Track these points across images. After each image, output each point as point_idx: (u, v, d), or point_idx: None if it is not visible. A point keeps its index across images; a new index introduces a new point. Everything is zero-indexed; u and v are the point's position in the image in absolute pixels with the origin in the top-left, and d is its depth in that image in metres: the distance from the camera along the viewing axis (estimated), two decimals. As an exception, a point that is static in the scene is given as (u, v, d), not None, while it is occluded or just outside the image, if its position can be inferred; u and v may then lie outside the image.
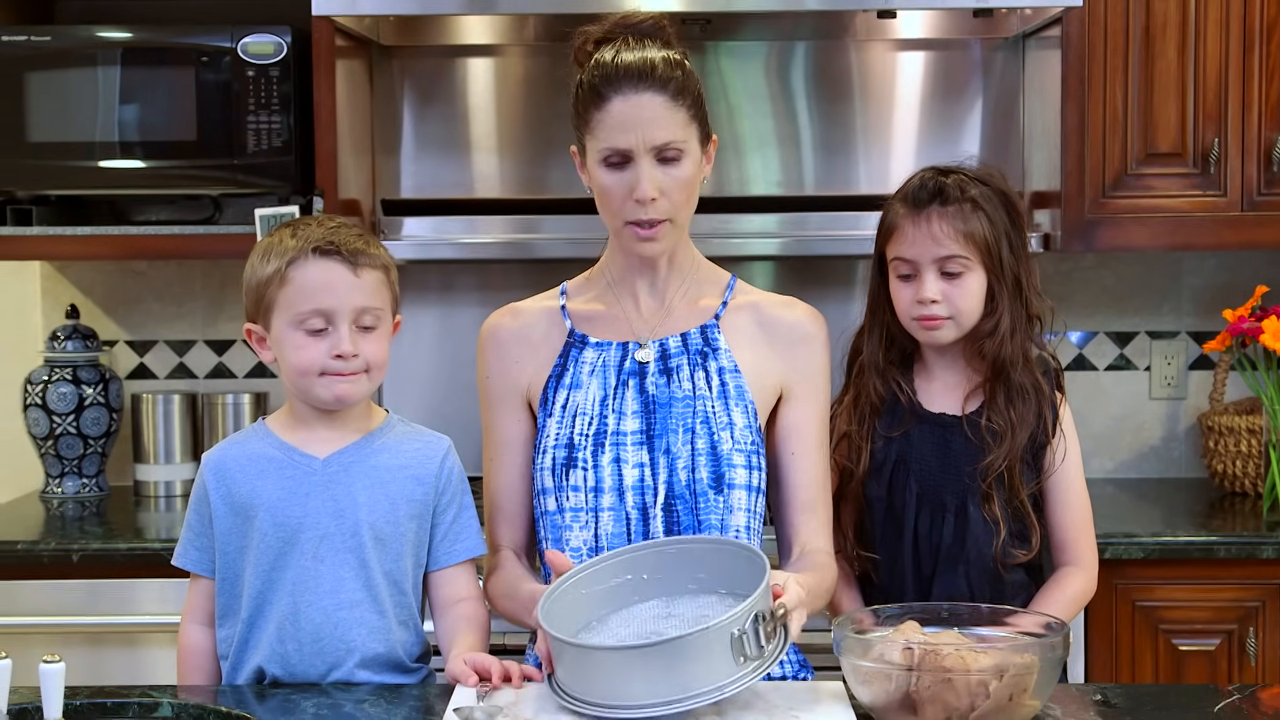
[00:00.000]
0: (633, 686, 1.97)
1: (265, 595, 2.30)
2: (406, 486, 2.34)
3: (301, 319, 2.27)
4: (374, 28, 3.62)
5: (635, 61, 2.33)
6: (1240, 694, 2.21)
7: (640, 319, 2.45)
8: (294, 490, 2.30)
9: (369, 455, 2.34)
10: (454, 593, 2.37)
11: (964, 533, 2.48)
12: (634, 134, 2.31)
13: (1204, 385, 3.86)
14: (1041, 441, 2.51)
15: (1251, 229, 3.47)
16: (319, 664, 2.30)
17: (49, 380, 3.70)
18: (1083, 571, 2.54)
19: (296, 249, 2.27)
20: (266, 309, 2.29)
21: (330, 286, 2.27)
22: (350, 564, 2.30)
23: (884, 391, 2.55)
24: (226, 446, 2.38)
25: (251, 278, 2.31)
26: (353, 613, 2.30)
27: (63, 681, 1.98)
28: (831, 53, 3.80)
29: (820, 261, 3.81)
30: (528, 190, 3.84)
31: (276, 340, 2.30)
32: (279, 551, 2.29)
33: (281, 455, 2.33)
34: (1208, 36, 3.44)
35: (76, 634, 3.19)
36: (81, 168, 3.49)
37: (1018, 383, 2.51)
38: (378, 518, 2.31)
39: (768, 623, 1.99)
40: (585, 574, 2.20)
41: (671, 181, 2.33)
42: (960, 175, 2.51)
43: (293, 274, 2.26)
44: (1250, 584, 3.21)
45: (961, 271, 2.48)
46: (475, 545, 2.39)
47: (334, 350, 2.27)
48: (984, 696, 1.97)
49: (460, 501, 2.39)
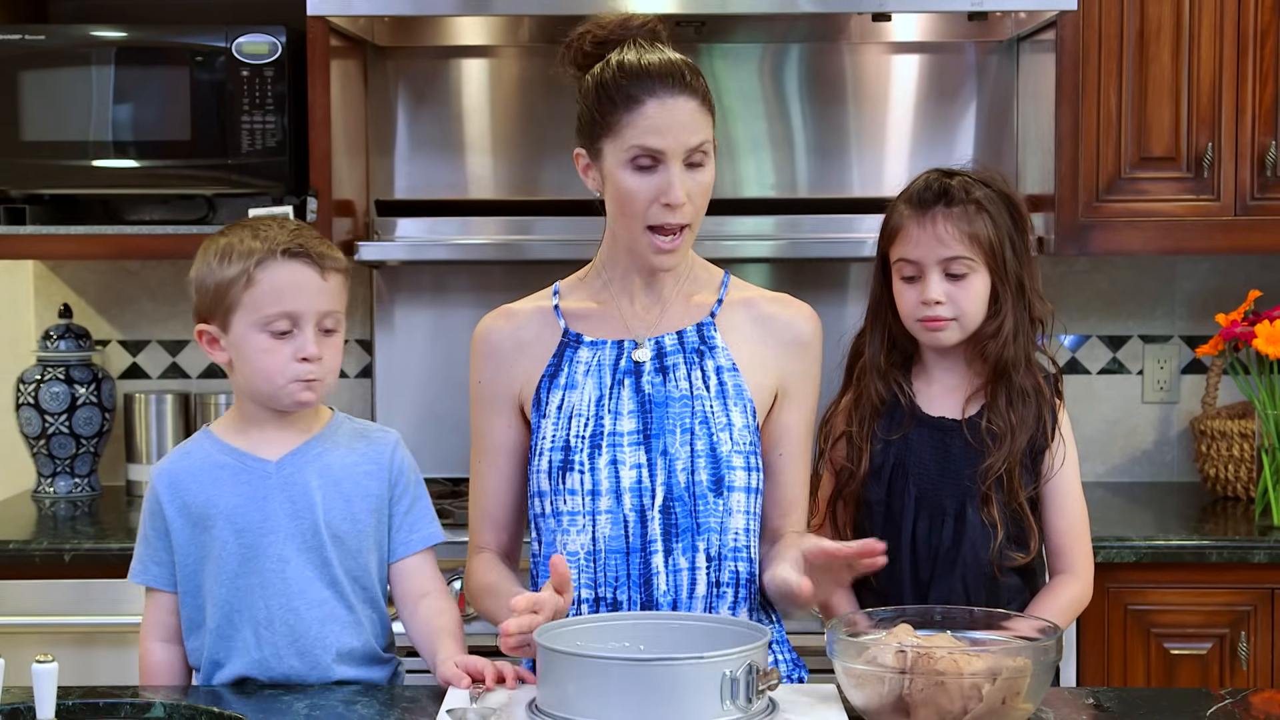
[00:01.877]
0: (613, 705, 1.96)
1: (233, 602, 2.30)
2: (361, 482, 2.34)
3: (268, 321, 2.26)
4: (369, 28, 3.62)
5: (664, 64, 2.33)
6: (1232, 698, 2.21)
7: (636, 317, 2.45)
8: (251, 495, 2.30)
9: (321, 454, 2.34)
10: (417, 586, 2.37)
11: (961, 536, 2.48)
12: (670, 136, 2.30)
13: (1196, 389, 3.86)
14: (1040, 446, 2.51)
15: (1245, 233, 3.48)
16: (299, 664, 2.30)
17: (41, 379, 3.69)
18: (1078, 579, 2.53)
19: (264, 250, 2.26)
20: (227, 310, 2.27)
21: (298, 289, 2.26)
22: (314, 562, 2.30)
23: (885, 394, 2.55)
24: (176, 459, 2.36)
25: (208, 278, 2.28)
26: (324, 610, 2.30)
27: (55, 681, 1.97)
28: (826, 55, 3.81)
29: (814, 264, 3.81)
30: (521, 191, 3.83)
31: (237, 341, 2.28)
32: (242, 558, 2.29)
33: (234, 461, 2.32)
34: (1202, 41, 3.45)
35: (68, 634, 3.19)
36: (75, 167, 3.49)
37: (1019, 385, 2.51)
38: (335, 515, 2.31)
39: (759, 679, 1.99)
40: (583, 627, 2.18)
41: (697, 186, 2.34)
42: (965, 177, 2.52)
43: (260, 275, 2.25)
44: (1242, 588, 3.21)
45: (966, 273, 2.48)
46: (432, 533, 2.40)
47: (300, 353, 2.26)
48: (977, 700, 1.97)
49: (414, 492, 2.39)
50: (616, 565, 2.36)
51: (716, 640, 2.08)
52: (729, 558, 2.38)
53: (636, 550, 2.36)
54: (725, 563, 2.37)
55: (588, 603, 2.37)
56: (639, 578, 2.36)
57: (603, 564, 2.36)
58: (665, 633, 2.18)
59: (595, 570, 2.37)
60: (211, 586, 2.30)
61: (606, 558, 2.36)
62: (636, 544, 2.36)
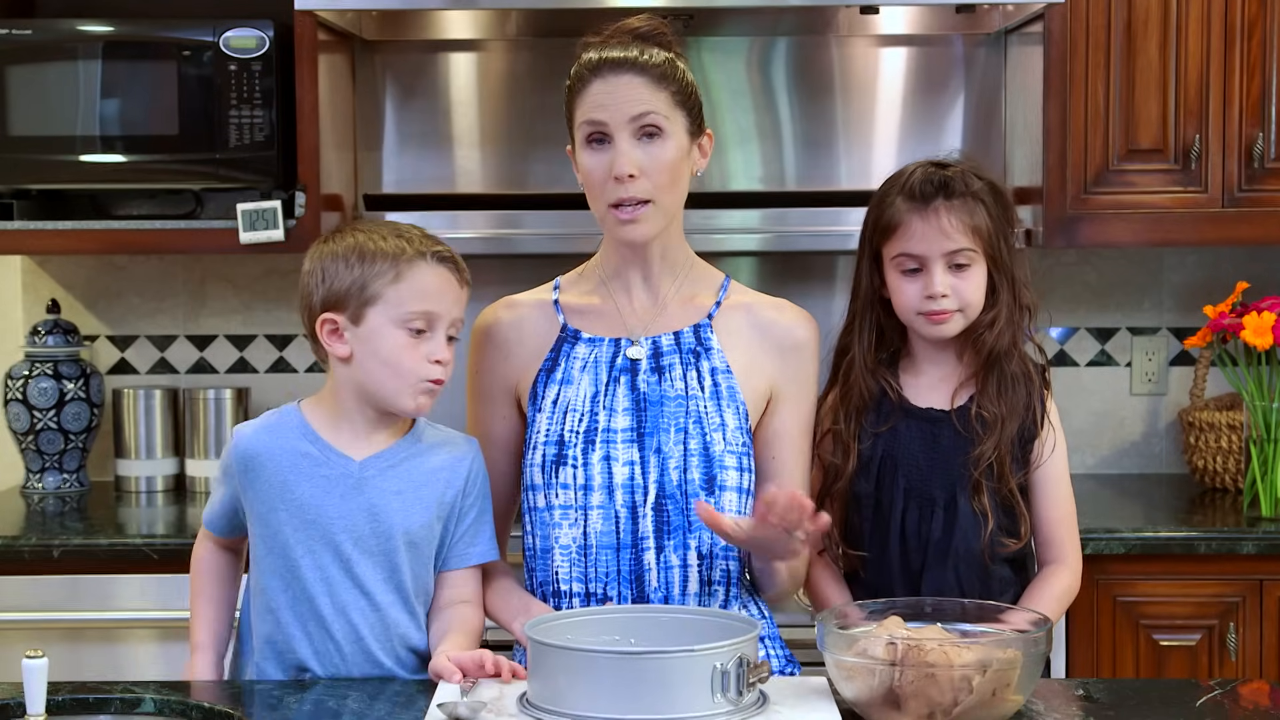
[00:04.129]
0: (603, 698, 1.96)
1: (296, 592, 2.29)
2: (438, 489, 2.33)
3: (409, 318, 2.26)
4: (356, 22, 3.62)
5: (620, 53, 2.35)
6: (1221, 689, 2.22)
7: (633, 315, 2.45)
8: (328, 491, 2.29)
9: (403, 460, 2.32)
10: (456, 594, 2.36)
11: (952, 527, 2.48)
12: (612, 109, 2.32)
13: (1184, 381, 3.87)
14: (1030, 434, 2.51)
15: (1232, 225, 3.48)
16: (362, 663, 2.30)
17: (30, 375, 3.68)
18: (1068, 569, 2.53)
19: (412, 250, 2.27)
20: (365, 302, 2.26)
21: (441, 292, 2.28)
22: (383, 566, 2.29)
23: (874, 388, 2.55)
24: (260, 433, 2.34)
25: (343, 272, 2.27)
26: (389, 614, 2.30)
27: (46, 677, 1.97)
28: (813, 48, 3.81)
29: (801, 257, 3.81)
30: (509, 185, 3.83)
31: (369, 334, 2.27)
32: (308, 549, 2.28)
33: (317, 453, 2.31)
34: (1189, 33, 3.45)
35: (57, 630, 3.18)
36: (62, 162, 3.48)
37: (1010, 372, 2.51)
38: (412, 522, 2.30)
39: (750, 672, 1.99)
40: (574, 620, 2.18)
41: (651, 161, 2.33)
42: (958, 168, 2.52)
43: (409, 273, 2.26)
44: (1231, 579, 3.22)
45: (969, 264, 2.48)
46: (488, 551, 2.39)
47: (433, 355, 2.27)
48: (967, 691, 1.97)
49: (480, 505, 2.38)
50: (607, 561, 2.36)
51: (707, 633, 2.08)
52: (721, 556, 2.38)
53: (628, 546, 2.36)
54: (717, 561, 2.38)
55: (579, 597, 2.38)
56: (630, 574, 2.36)
57: (593, 559, 2.37)
58: (656, 626, 2.18)
59: (586, 565, 2.37)
60: (276, 568, 2.30)
61: (597, 553, 2.37)
62: (628, 540, 2.36)
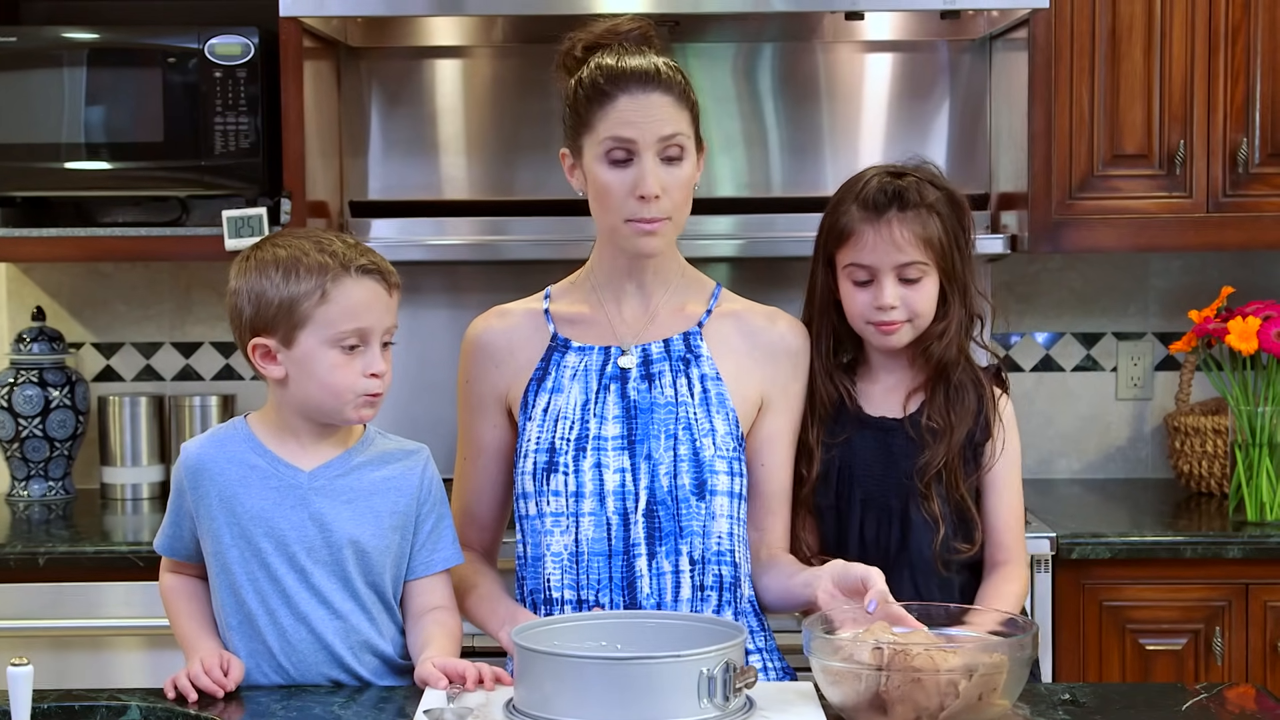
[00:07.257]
0: (590, 704, 1.96)
1: (249, 605, 2.29)
2: (389, 499, 2.32)
3: (341, 337, 2.24)
4: (341, 29, 3.62)
5: (642, 64, 2.34)
6: (1207, 693, 2.22)
7: (624, 324, 2.45)
8: (277, 503, 2.29)
9: (352, 470, 2.32)
10: (429, 601, 2.36)
11: (906, 535, 2.47)
12: (641, 127, 2.32)
13: (1170, 386, 3.88)
14: (981, 439, 2.51)
15: (1217, 230, 3.49)
16: (322, 674, 2.30)
17: (15, 383, 3.68)
18: (1020, 569, 2.51)
19: (336, 266, 2.24)
20: (294, 325, 2.24)
21: (370, 306, 2.26)
22: (336, 575, 2.29)
23: (833, 394, 2.53)
24: (206, 445, 2.34)
25: (270, 291, 2.24)
26: (347, 622, 2.30)
27: (31, 685, 1.97)
28: (799, 54, 3.81)
29: (786, 263, 3.80)
30: (495, 192, 3.83)
31: (302, 357, 2.26)
32: (260, 562, 2.28)
33: (265, 465, 2.30)
34: (1173, 39, 3.46)
35: (43, 637, 3.18)
36: (47, 169, 3.48)
37: (957, 381, 2.51)
38: (362, 532, 2.29)
39: (736, 677, 1.99)
40: (561, 626, 2.18)
41: (673, 180, 2.34)
42: (914, 178, 2.51)
43: (335, 292, 2.24)
44: (1217, 583, 3.22)
45: (920, 277, 2.47)
46: (452, 555, 2.38)
47: (368, 369, 2.26)
48: (953, 696, 1.97)
49: (439, 511, 2.38)
50: (599, 567, 2.36)
51: (693, 639, 2.08)
52: (713, 561, 2.38)
53: (619, 553, 2.36)
54: (709, 566, 2.38)
55: (570, 604, 2.38)
56: (622, 580, 2.36)
57: (585, 566, 2.37)
58: (642, 632, 2.18)
59: (578, 572, 2.37)
60: (236, 581, 2.29)
61: (589, 560, 2.37)
62: (619, 547, 2.36)
